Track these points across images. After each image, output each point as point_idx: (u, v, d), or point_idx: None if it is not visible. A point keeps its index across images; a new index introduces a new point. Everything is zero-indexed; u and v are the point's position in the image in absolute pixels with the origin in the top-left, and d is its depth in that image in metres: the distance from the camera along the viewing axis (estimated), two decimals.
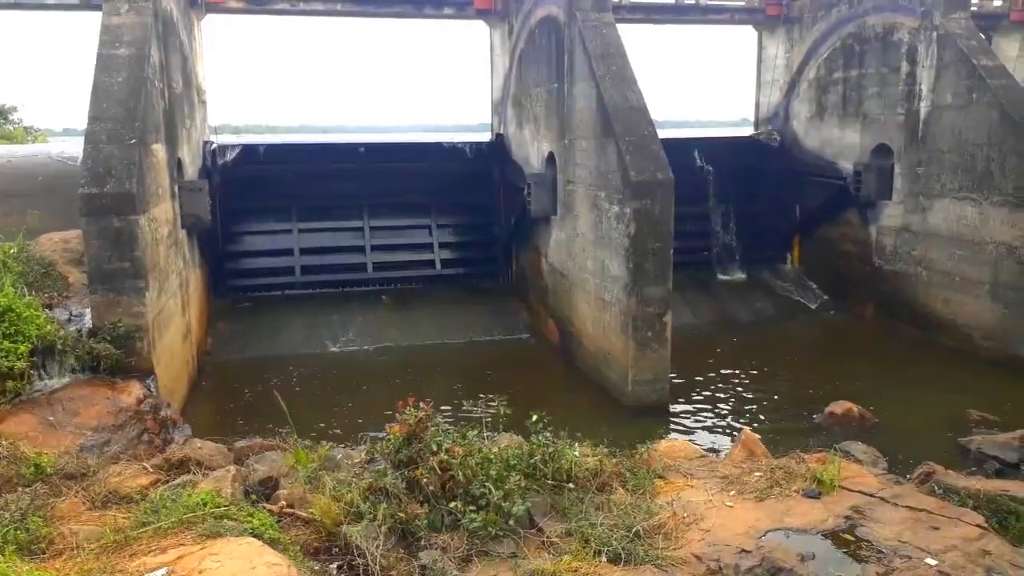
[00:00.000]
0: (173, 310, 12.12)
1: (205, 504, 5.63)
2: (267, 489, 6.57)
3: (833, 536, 5.84)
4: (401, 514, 5.69)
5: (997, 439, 10.23)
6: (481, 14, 18.01)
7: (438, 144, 19.34)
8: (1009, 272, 13.86)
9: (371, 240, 17.89)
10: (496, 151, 18.55)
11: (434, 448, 6.09)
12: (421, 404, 6.38)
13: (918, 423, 11.56)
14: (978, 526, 5.87)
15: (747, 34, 20.73)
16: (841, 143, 17.87)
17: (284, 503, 6.15)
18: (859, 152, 17.24)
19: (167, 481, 6.53)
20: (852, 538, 5.80)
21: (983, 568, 5.28)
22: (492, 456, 6.27)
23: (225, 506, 5.69)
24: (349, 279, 17.53)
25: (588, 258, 13.65)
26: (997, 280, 14.10)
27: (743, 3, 19.57)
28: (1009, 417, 11.42)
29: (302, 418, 10.62)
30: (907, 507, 6.23)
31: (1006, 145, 13.78)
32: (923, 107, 15.48)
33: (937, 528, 5.84)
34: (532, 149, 16.42)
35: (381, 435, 6.85)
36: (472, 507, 5.74)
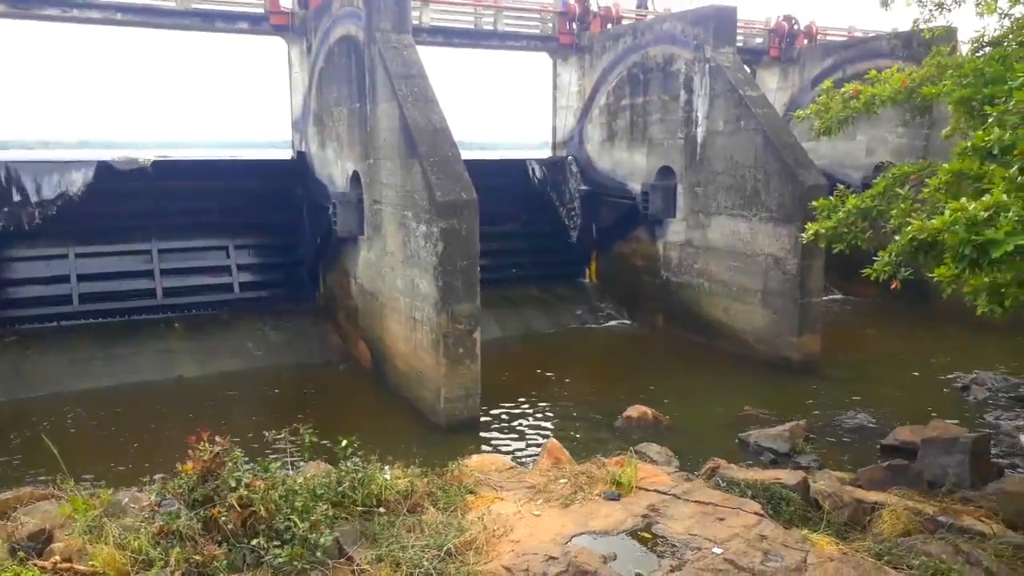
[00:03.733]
0: None
1: None
2: (39, 544, 5.90)
3: (633, 535, 6.17)
4: (197, 557, 5.32)
5: (770, 432, 11.36)
6: (278, 30, 17.47)
7: (235, 161, 18.44)
8: (776, 281, 15.47)
9: (160, 264, 16.63)
10: (298, 169, 18.01)
11: (232, 484, 5.75)
12: (217, 438, 6.01)
13: (705, 422, 12.57)
14: (756, 513, 6.45)
15: (544, 61, 21.71)
16: (631, 165, 19.15)
17: (59, 557, 5.54)
18: (646, 173, 18.55)
19: None
20: (650, 535, 6.16)
21: (761, 551, 5.80)
22: (297, 487, 6.04)
23: None
24: (136, 307, 16.18)
25: (398, 277, 13.58)
26: (767, 288, 15.70)
27: (538, 31, 20.45)
28: (780, 411, 12.73)
29: (82, 463, 9.67)
30: (696, 502, 6.72)
31: (769, 167, 15.42)
32: (700, 132, 16.97)
33: (722, 519, 6.35)
34: (336, 168, 16.12)
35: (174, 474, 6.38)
36: (276, 542, 5.49)
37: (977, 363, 15.32)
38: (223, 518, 5.60)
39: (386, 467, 6.92)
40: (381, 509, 6.25)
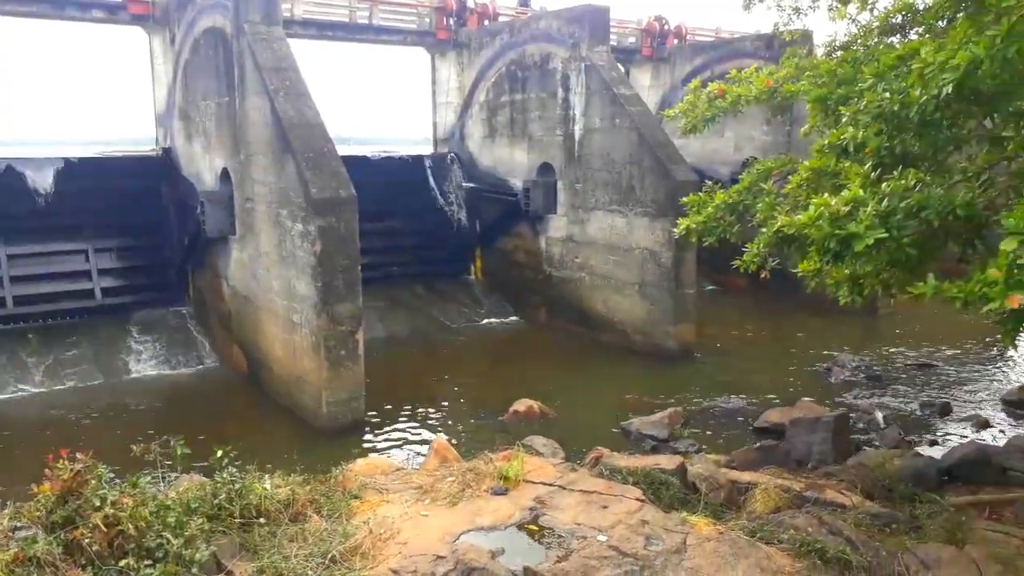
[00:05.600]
0: None
1: None
2: None
3: (521, 528, 6.21)
4: None
5: (650, 419, 11.75)
6: (138, 20, 16.49)
7: (92, 159, 17.26)
8: (652, 273, 16.00)
9: (9, 271, 15.31)
10: (163, 166, 17.05)
11: (97, 503, 5.37)
12: (78, 455, 5.60)
13: (589, 412, 12.84)
14: (638, 499, 6.63)
15: (423, 56, 21.50)
16: (511, 162, 19.29)
17: None
18: (527, 170, 18.74)
19: None
20: (537, 527, 6.21)
21: (643, 536, 5.96)
22: (169, 502, 5.71)
23: None
24: None
25: (273, 279, 13.11)
26: (644, 281, 16.20)
27: (415, 26, 20.26)
28: (659, 399, 13.18)
29: None
30: (581, 491, 6.83)
31: (644, 164, 15.91)
32: (577, 130, 17.30)
33: (606, 507, 6.49)
34: (204, 164, 15.38)
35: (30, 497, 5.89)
36: (147, 562, 5.18)
37: (837, 346, 16.42)
38: (87, 540, 5.22)
39: (266, 476, 6.65)
40: (261, 520, 6.01)
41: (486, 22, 20.42)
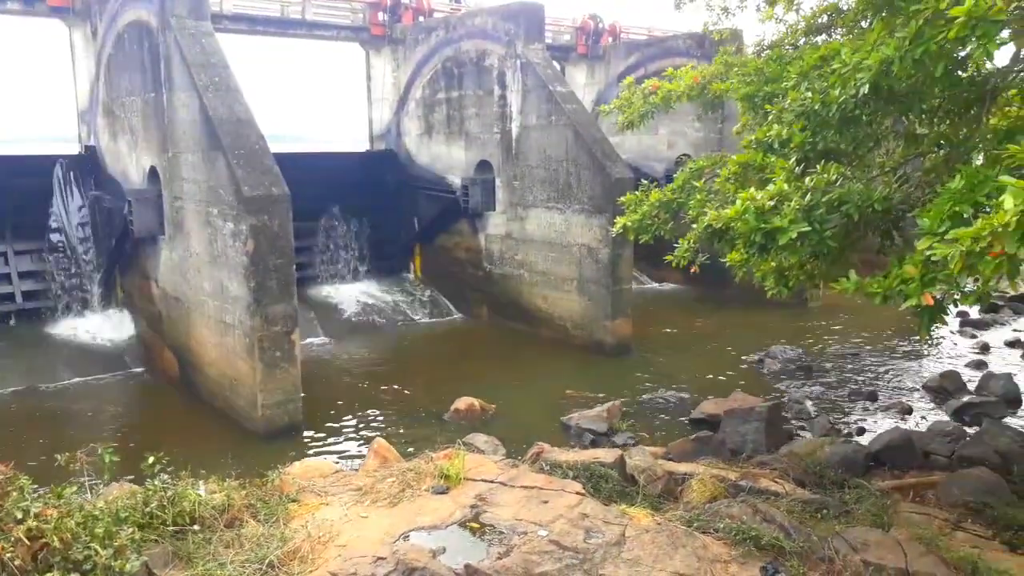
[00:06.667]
0: None
1: None
2: None
3: (462, 526, 6.19)
4: None
5: (589, 414, 11.86)
6: (57, 12, 15.87)
7: (9, 157, 16.57)
8: (590, 269, 16.16)
9: None
10: (87, 165, 16.44)
11: (19, 515, 5.16)
12: None
13: (530, 408, 12.90)
14: (578, 493, 6.68)
15: (357, 52, 21.23)
16: (449, 159, 19.22)
17: None
18: (465, 167, 18.70)
19: None
20: (478, 525, 6.21)
21: (583, 529, 6.02)
22: (97, 512, 5.52)
23: None
24: None
25: (205, 279, 12.78)
26: (582, 277, 16.36)
27: (349, 21, 19.99)
28: (598, 393, 13.32)
29: None
30: (522, 487, 6.86)
31: (580, 161, 16.04)
32: (514, 127, 17.34)
33: (546, 502, 6.53)
34: (131, 162, 14.89)
35: None
36: (75, 574, 4.99)
37: (770, 338, 16.83)
38: (9, 554, 5.01)
39: (199, 482, 6.50)
40: (195, 527, 5.86)
41: (421, 18, 20.28)
